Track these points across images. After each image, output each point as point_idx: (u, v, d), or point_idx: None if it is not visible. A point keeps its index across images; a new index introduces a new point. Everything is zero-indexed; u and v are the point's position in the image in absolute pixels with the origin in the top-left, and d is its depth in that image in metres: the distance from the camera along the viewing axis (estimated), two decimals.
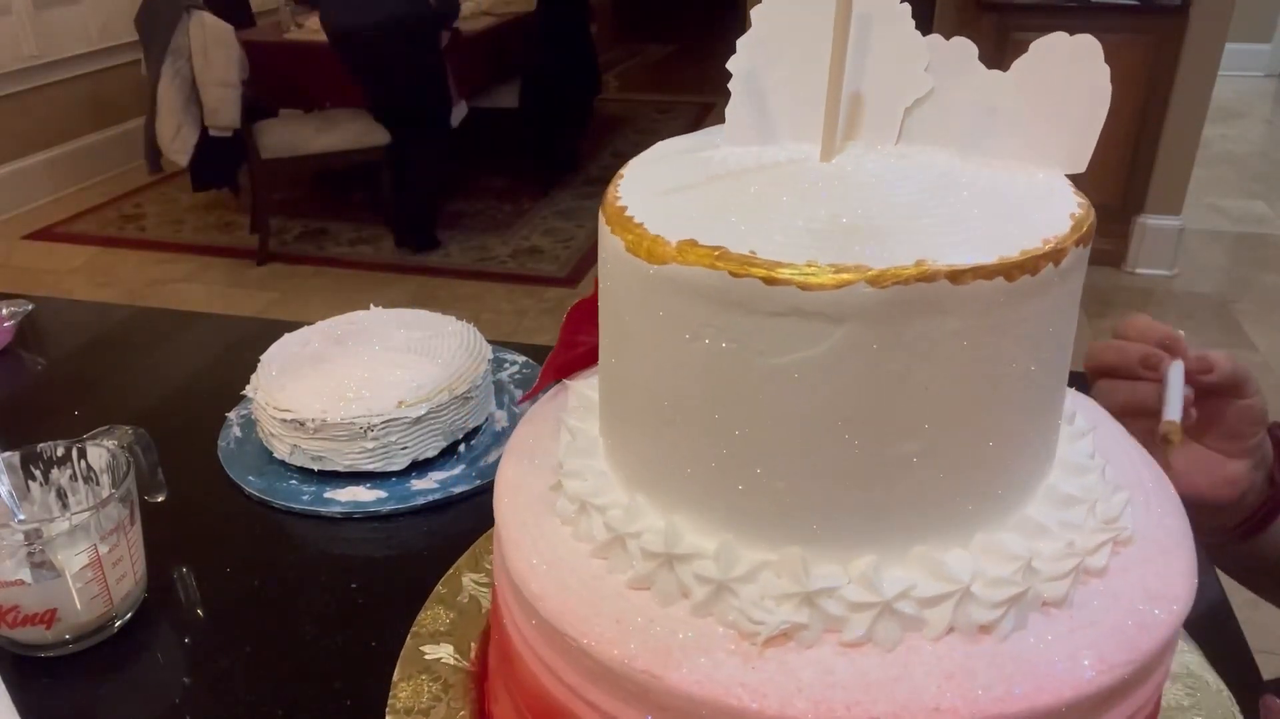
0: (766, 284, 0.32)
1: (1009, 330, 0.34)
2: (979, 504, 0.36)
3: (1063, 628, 0.35)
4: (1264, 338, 2.54)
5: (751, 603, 0.35)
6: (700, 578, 0.36)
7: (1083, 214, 0.36)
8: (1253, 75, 4.93)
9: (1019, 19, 2.69)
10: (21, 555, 0.54)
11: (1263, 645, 1.68)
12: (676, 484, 0.38)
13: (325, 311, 0.85)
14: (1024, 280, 0.33)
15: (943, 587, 0.35)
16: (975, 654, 0.34)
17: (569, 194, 3.70)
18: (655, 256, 0.34)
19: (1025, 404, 0.36)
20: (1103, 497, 0.39)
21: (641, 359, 0.38)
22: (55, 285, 3.02)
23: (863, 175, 0.38)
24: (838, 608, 0.34)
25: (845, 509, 0.35)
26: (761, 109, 0.42)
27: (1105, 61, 0.36)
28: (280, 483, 0.72)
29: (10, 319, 0.92)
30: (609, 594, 0.37)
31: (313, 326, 0.82)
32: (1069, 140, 0.38)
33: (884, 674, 0.33)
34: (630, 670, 0.34)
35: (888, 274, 0.31)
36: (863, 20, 0.39)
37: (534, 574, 0.38)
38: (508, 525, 0.42)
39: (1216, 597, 0.59)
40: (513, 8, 3.63)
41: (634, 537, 0.37)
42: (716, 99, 4.28)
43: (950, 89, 0.39)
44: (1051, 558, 0.36)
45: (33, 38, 3.52)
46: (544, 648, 0.38)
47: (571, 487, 0.41)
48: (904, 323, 0.32)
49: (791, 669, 0.34)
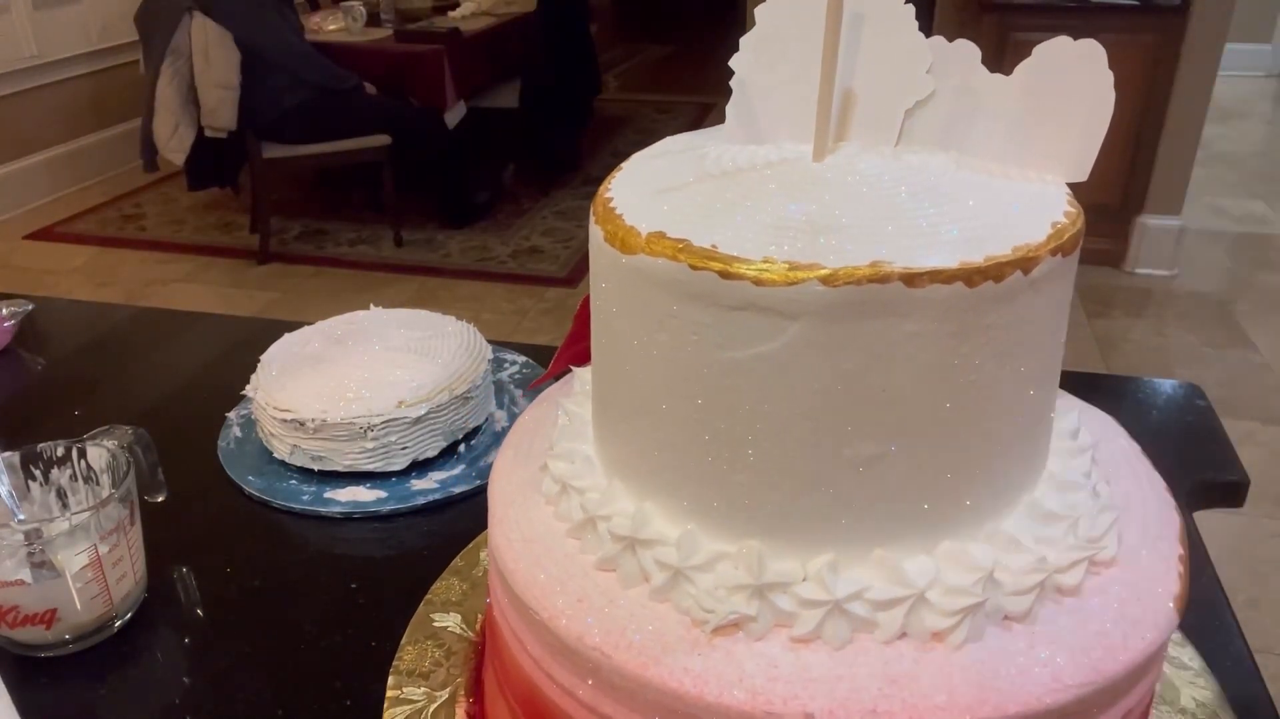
0: (723, 278, 0.33)
1: (971, 337, 0.33)
2: (945, 512, 0.36)
3: (1021, 643, 0.35)
4: (1264, 338, 2.53)
5: (705, 592, 0.36)
6: (660, 563, 0.37)
7: (1066, 223, 0.35)
8: (1253, 75, 4.92)
9: (1019, 19, 2.69)
10: (21, 555, 0.54)
11: (1263, 645, 1.68)
12: (649, 471, 0.39)
13: (325, 311, 0.85)
14: (987, 287, 0.32)
15: (897, 590, 0.35)
16: (923, 660, 0.34)
17: (569, 194, 3.70)
18: (627, 247, 0.36)
19: (997, 413, 0.36)
20: (1088, 514, 0.38)
21: (619, 347, 0.39)
22: (55, 285, 3.02)
23: (851, 176, 0.38)
24: (788, 603, 0.35)
25: (803, 506, 0.36)
26: (761, 108, 0.42)
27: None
28: (280, 483, 0.72)
29: (10, 319, 0.92)
30: (576, 573, 0.38)
31: (313, 326, 0.82)
32: (1072, 147, 0.37)
33: (827, 672, 0.34)
34: (583, 647, 0.36)
35: (840, 273, 0.32)
36: (860, 20, 0.39)
37: (510, 548, 0.40)
38: (497, 502, 0.43)
39: (1216, 597, 0.59)
40: (513, 8, 3.63)
41: (605, 519, 0.38)
42: (716, 99, 4.29)
43: (952, 92, 0.39)
44: (1018, 571, 0.35)
45: (33, 38, 3.52)
46: (515, 620, 0.40)
47: (556, 468, 0.42)
48: (858, 323, 0.32)
49: (736, 659, 0.34)
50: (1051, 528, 0.38)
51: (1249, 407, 2.22)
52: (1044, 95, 0.37)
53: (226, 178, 3.31)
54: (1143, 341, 2.53)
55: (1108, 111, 0.36)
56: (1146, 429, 0.46)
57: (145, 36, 2.93)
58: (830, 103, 0.39)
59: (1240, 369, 2.40)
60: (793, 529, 0.36)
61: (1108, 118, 0.36)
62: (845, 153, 0.40)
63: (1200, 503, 0.69)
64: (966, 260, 0.32)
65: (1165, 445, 0.47)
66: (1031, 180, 0.38)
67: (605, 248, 0.37)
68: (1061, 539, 0.37)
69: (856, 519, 0.36)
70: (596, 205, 0.39)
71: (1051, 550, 0.37)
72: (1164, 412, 0.80)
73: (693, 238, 0.34)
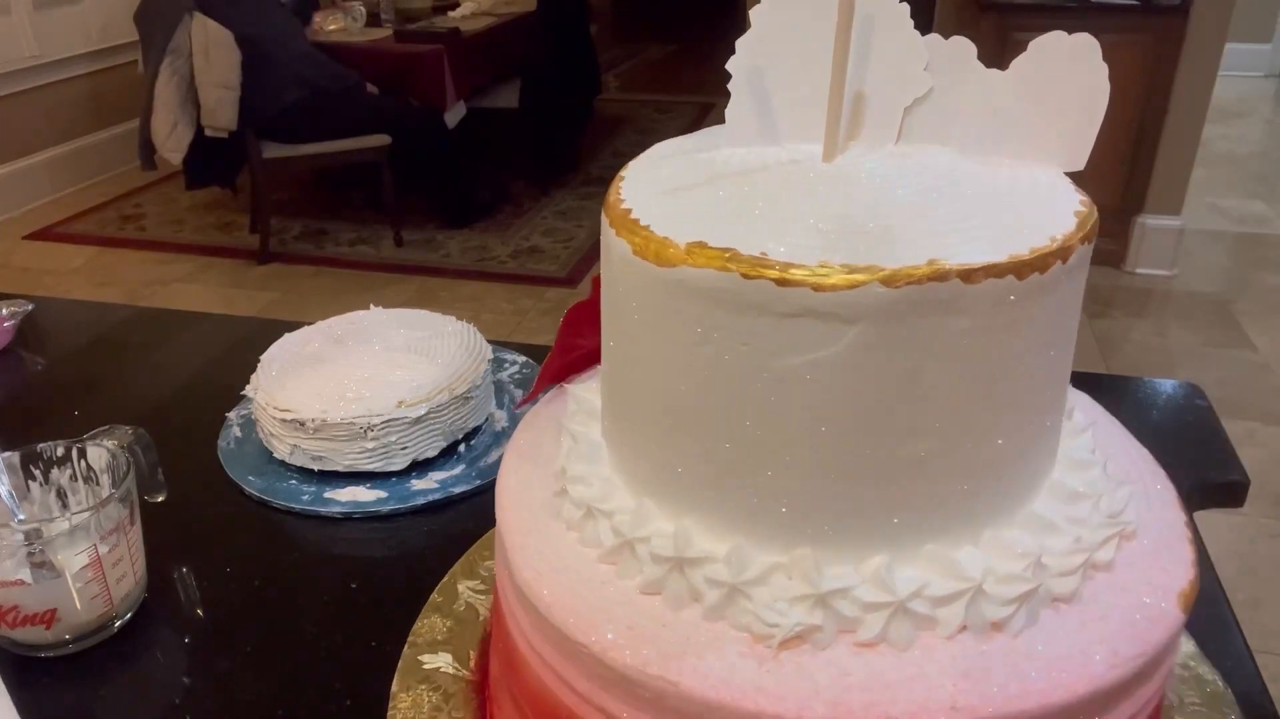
0: (779, 285, 0.32)
1: (1018, 329, 0.34)
2: (988, 501, 0.37)
3: (1073, 623, 0.35)
4: (1264, 338, 2.53)
5: (765, 605, 0.35)
6: (712, 581, 0.35)
7: (1086, 211, 0.36)
8: (1253, 75, 4.92)
9: (1019, 19, 2.69)
10: (21, 555, 0.54)
11: (1263, 646, 1.68)
12: (686, 488, 0.38)
13: (325, 312, 0.85)
14: (1033, 278, 0.33)
15: (955, 585, 0.35)
16: (988, 652, 0.34)
17: (569, 194, 3.70)
18: (663, 259, 0.34)
19: (1032, 401, 0.36)
20: (1106, 491, 0.39)
21: (649, 363, 0.37)
22: (55, 285, 3.02)
23: (866, 175, 0.38)
24: (851, 608, 0.34)
25: (857, 509, 0.35)
26: (762, 109, 0.42)
27: (1105, 61, 0.36)
28: (280, 483, 0.72)
29: (10, 319, 0.92)
30: (619, 600, 0.37)
31: (313, 326, 0.82)
32: (1068, 138, 0.38)
33: (900, 674, 0.33)
34: (645, 677, 0.34)
35: (900, 274, 0.31)
36: (864, 21, 0.39)
37: (542, 581, 0.38)
38: (511, 532, 0.41)
39: (1216, 597, 0.59)
40: (513, 8, 3.63)
41: (643, 541, 0.37)
42: (716, 99, 4.28)
43: (949, 89, 0.39)
44: (1061, 553, 0.36)
45: (33, 38, 3.52)
46: (553, 655, 0.38)
47: (576, 492, 0.40)
48: (916, 322, 0.32)
49: (807, 671, 0.34)
50: (1078, 507, 0.38)
51: (1249, 407, 2.22)
52: (1040, 88, 0.37)
53: (225, 178, 3.31)
54: (1143, 342, 2.54)
55: (1103, 103, 0.36)
56: (1146, 429, 0.47)
57: (145, 36, 2.93)
58: (841, 103, 0.38)
59: (1240, 369, 2.40)
60: (844, 533, 0.36)
61: (1103, 109, 0.37)
62: (853, 153, 0.40)
63: (1200, 503, 0.69)
64: (1015, 254, 0.33)
65: (1165, 445, 0.47)
66: (1034, 173, 0.39)
67: (634, 261, 0.35)
68: (1089, 517, 0.38)
69: (907, 516, 0.35)
70: (613, 216, 0.37)
71: (1083, 529, 0.37)
72: (1164, 412, 0.80)
73: (738, 246, 0.33)
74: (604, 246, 0.39)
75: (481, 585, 0.57)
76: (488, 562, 0.58)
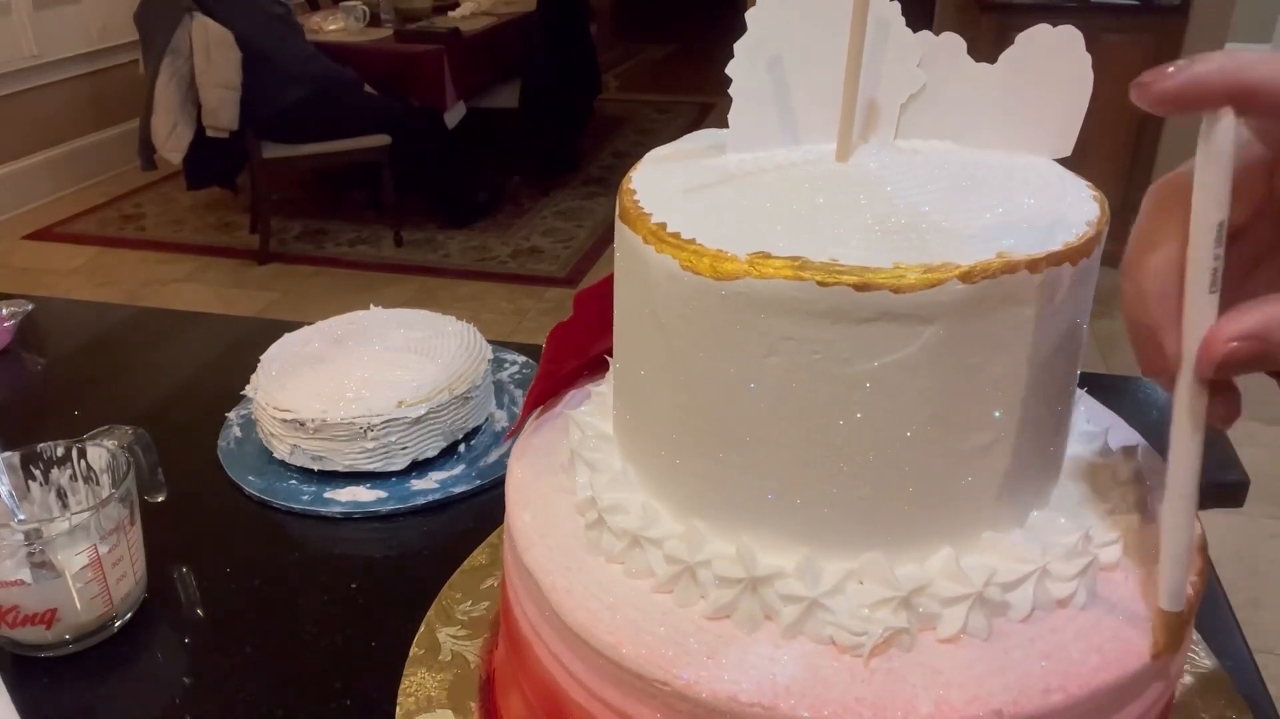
0: (857, 290, 0.31)
1: (1069, 314, 0.35)
2: (1036, 485, 0.38)
3: (1124, 592, 0.36)
4: None
5: (847, 615, 0.34)
6: (788, 598, 0.34)
7: (1101, 196, 0.37)
8: None
9: (1019, 19, 2.68)
10: (21, 555, 0.54)
11: (1263, 645, 1.67)
12: (744, 505, 0.36)
13: (325, 312, 0.85)
14: (1083, 263, 0.34)
15: (1022, 568, 0.35)
16: (1061, 629, 0.35)
17: (569, 194, 3.70)
18: (721, 273, 0.33)
19: (1070, 384, 0.38)
20: (1120, 463, 0.40)
21: (702, 382, 0.36)
22: (55, 285, 3.02)
23: (883, 174, 0.38)
24: (933, 605, 0.34)
25: (924, 506, 0.35)
26: (765, 111, 0.41)
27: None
28: (280, 483, 0.72)
29: (10, 319, 0.92)
30: (689, 629, 0.35)
31: (313, 326, 0.82)
32: (1055, 126, 0.39)
33: (989, 664, 0.33)
34: (738, 707, 0.33)
35: (977, 269, 0.32)
36: (872, 20, 0.39)
37: (600, 622, 0.36)
38: (548, 573, 0.39)
39: (1216, 597, 0.59)
40: (513, 8, 3.63)
41: (703, 565, 0.36)
42: (716, 99, 4.29)
43: (941, 84, 0.40)
44: (1100, 528, 0.37)
45: (33, 38, 3.52)
46: (624, 700, 0.36)
47: (616, 522, 0.39)
48: (987, 315, 0.32)
49: (901, 676, 0.33)
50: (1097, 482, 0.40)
51: (1249, 406, 2.19)
52: (1028, 80, 0.38)
53: (226, 178, 3.32)
54: None
55: (1087, 91, 0.37)
56: (1146, 429, 0.46)
57: (145, 36, 2.93)
58: (854, 101, 0.38)
59: None
60: (911, 531, 0.35)
61: (1087, 97, 0.37)
62: (862, 151, 0.40)
63: (1200, 503, 0.69)
64: (1068, 241, 0.33)
65: (1165, 445, 0.47)
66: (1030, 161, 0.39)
67: (683, 276, 0.34)
68: (1109, 492, 0.39)
69: (968, 507, 0.36)
70: (644, 232, 0.36)
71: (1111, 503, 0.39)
72: (1164, 412, 0.80)
73: (806, 253, 0.32)
74: (636, 264, 0.37)
75: (463, 631, 0.54)
76: (462, 604, 0.56)
